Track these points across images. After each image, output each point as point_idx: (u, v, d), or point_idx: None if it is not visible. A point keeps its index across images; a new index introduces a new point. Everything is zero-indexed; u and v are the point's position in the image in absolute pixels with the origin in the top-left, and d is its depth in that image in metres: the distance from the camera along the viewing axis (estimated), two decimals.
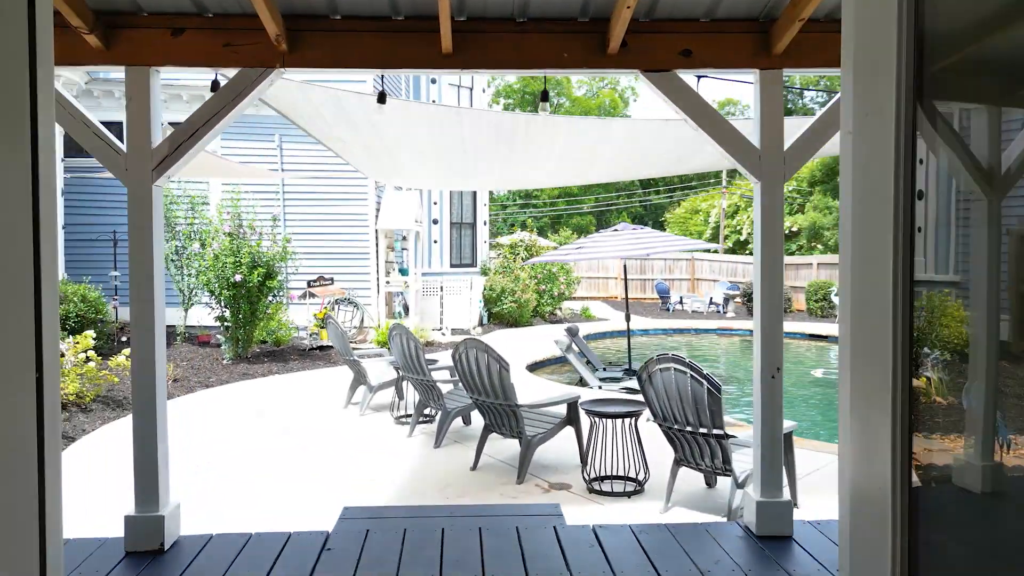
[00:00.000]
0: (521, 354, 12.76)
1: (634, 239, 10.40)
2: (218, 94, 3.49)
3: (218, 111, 3.48)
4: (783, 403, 3.82)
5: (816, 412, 9.49)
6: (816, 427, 8.70)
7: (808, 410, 9.64)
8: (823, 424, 8.90)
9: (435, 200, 18.93)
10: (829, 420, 9.05)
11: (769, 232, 3.58)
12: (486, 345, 5.91)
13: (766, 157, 3.53)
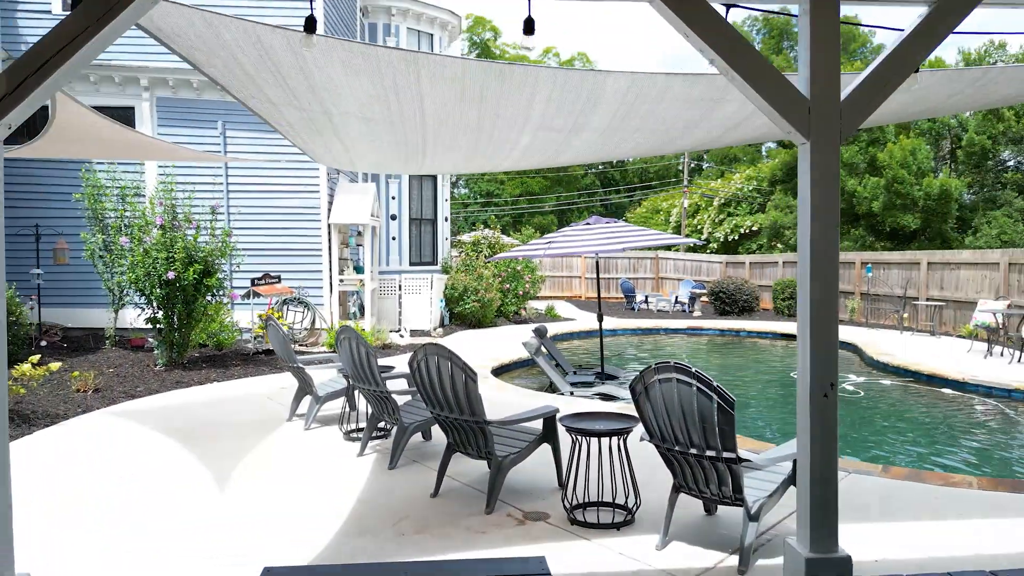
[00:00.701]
0: (486, 357, 11.84)
1: (608, 233, 9.57)
2: (78, 11, 2.50)
3: (77, 35, 2.49)
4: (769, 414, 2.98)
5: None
6: None
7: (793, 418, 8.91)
8: None
9: (393, 195, 17.91)
10: None
11: (822, 210, 2.74)
12: (449, 351, 4.98)
13: (818, 109, 2.67)
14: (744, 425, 8.11)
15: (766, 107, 2.69)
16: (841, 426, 8.37)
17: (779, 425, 8.41)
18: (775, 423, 8.54)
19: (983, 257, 14.87)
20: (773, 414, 9.12)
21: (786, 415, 8.82)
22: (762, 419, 8.81)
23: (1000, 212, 27.41)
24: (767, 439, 7.52)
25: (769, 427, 8.35)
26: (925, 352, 12.37)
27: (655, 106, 3.77)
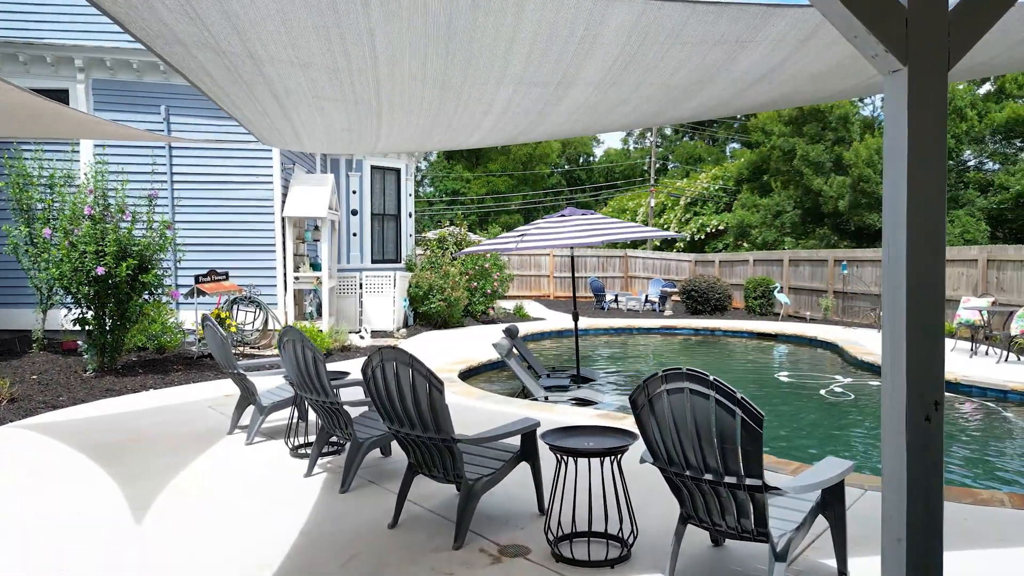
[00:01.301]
0: (453, 359, 10.99)
1: (584, 225, 8.80)
2: None
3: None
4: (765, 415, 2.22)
5: (800, 425, 8.10)
6: (805, 443, 7.28)
7: (790, 422, 8.25)
8: (810, 439, 7.49)
9: (354, 189, 16.93)
10: (817, 435, 7.65)
11: (923, 168, 1.97)
12: (409, 356, 4.14)
13: (919, 21, 1.90)
14: None
15: (845, 17, 1.91)
16: (838, 431, 7.76)
17: (770, 431, 7.72)
18: (767, 431, 7.84)
19: (960, 254, 14.49)
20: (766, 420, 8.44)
21: (780, 421, 8.16)
22: None
23: (963, 211, 27.42)
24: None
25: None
26: None
27: (663, 52, 2.99)
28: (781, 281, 19.86)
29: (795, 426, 7.91)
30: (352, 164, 16.91)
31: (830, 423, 7.90)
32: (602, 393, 9.26)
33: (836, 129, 28.92)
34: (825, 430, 7.72)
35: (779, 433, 7.54)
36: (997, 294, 13.21)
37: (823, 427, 7.87)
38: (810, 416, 8.32)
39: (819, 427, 7.88)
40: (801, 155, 29.04)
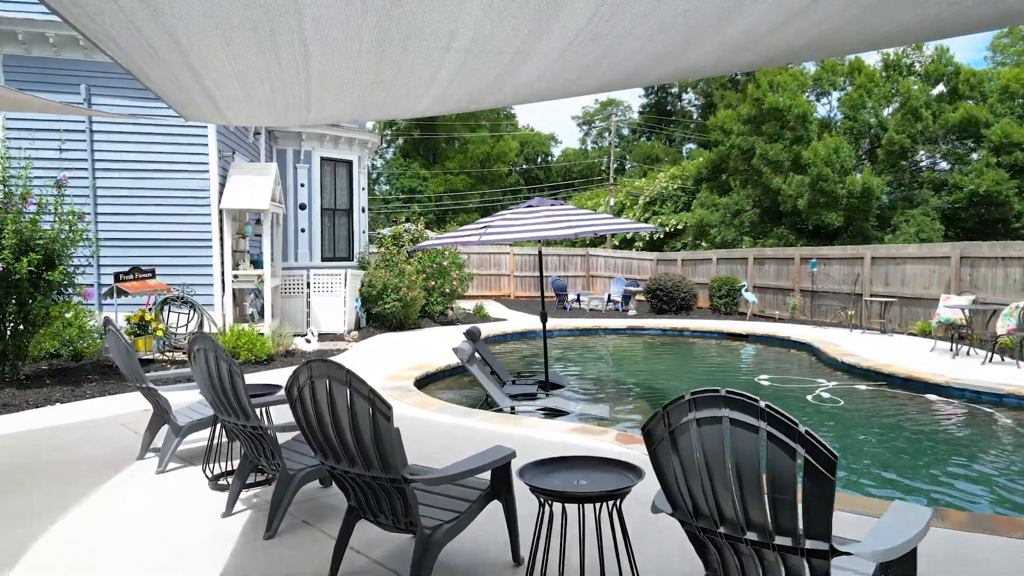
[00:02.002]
0: (408, 364, 9.95)
1: (554, 217, 7.88)
2: None
3: None
4: None
5: None
6: None
7: None
8: None
9: (302, 182, 15.74)
10: None
11: None
12: (347, 372, 3.12)
13: None
14: None
15: None
16: (841, 446, 6.96)
17: None
18: None
19: (931, 251, 14.02)
20: None
21: None
22: None
23: (918, 211, 27.43)
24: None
25: None
26: (887, 352, 11.26)
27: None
28: (746, 280, 19.30)
29: None
30: (300, 155, 15.71)
31: (830, 435, 7.12)
32: (573, 401, 8.35)
33: (794, 128, 28.67)
34: (836, 438, 6.91)
35: None
36: (971, 292, 12.74)
37: (832, 433, 7.08)
38: (808, 424, 7.52)
39: (823, 433, 7.07)
40: (760, 154, 28.73)
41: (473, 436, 6.21)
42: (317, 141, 15.85)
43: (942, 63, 28.29)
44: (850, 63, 29.96)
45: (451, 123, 49.99)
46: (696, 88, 52.08)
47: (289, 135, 15.53)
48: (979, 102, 27.79)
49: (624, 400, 8.94)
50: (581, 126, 58.73)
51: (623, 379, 10.39)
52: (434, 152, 50.83)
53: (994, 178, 25.29)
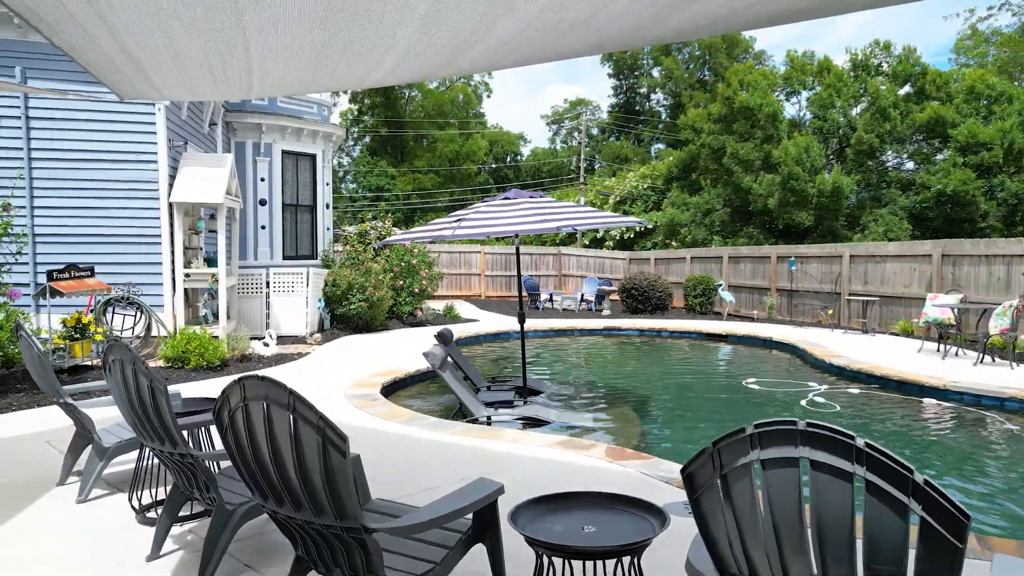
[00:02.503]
0: (374, 369, 9.20)
1: (534, 210, 7.21)
2: None
3: None
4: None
5: None
6: None
7: None
8: None
9: (262, 176, 14.85)
10: None
11: None
12: (290, 394, 2.40)
13: None
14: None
15: None
16: None
17: None
18: None
19: (912, 249, 13.68)
20: None
21: None
22: None
23: (886, 210, 27.40)
24: None
25: None
26: (873, 352, 10.83)
27: None
28: (721, 279, 18.87)
29: None
30: (260, 148, 14.82)
31: None
32: (553, 408, 7.69)
33: (765, 127, 28.46)
34: None
35: None
36: (956, 291, 12.40)
37: None
38: None
39: None
40: (731, 153, 28.47)
41: (447, 453, 5.51)
42: (278, 133, 14.97)
43: (909, 63, 28.33)
44: (819, 63, 29.88)
45: (419, 121, 49.09)
46: (665, 88, 51.96)
47: (248, 127, 14.63)
48: (945, 102, 27.87)
49: (608, 406, 8.30)
50: (550, 125, 58.26)
51: (603, 383, 9.77)
52: (402, 150, 49.86)
53: (961, 178, 25.31)
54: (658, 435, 6.92)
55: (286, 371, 9.35)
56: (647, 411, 7.94)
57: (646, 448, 6.31)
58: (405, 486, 4.67)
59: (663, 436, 6.92)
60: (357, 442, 5.86)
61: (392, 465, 5.18)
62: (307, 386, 8.24)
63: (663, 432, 7.06)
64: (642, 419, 7.56)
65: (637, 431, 6.98)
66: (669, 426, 7.33)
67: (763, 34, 75.59)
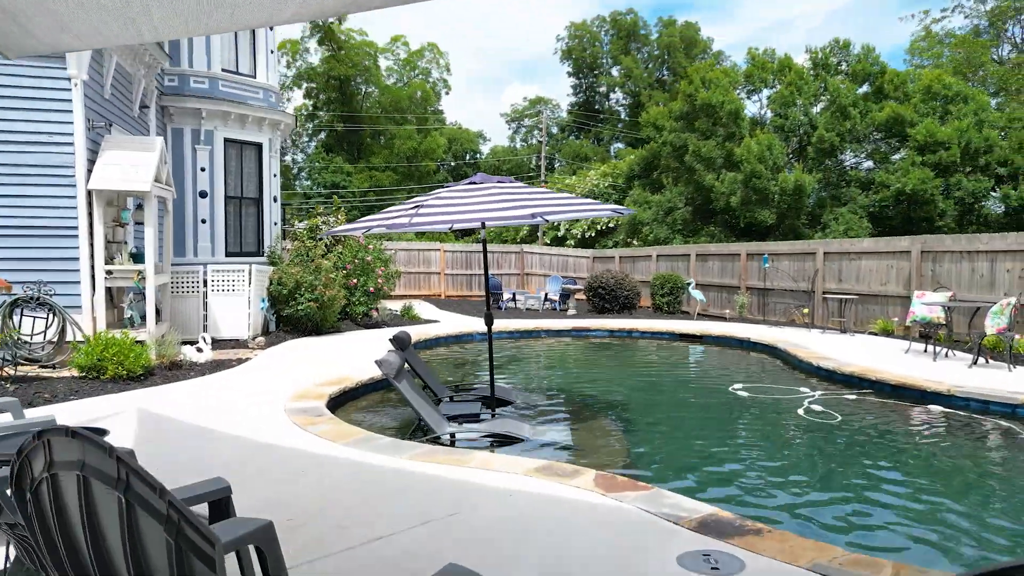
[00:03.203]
0: (324, 377, 8.08)
1: (504, 196, 6.22)
2: None
3: None
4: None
5: (816, 471, 5.88)
6: (861, 510, 5.04)
7: (800, 464, 6.03)
8: (848, 492, 5.28)
9: (203, 166, 13.54)
10: (855, 487, 5.45)
11: None
12: (118, 462, 1.37)
13: None
14: (730, 477, 5.12)
15: None
16: (858, 480, 5.54)
17: (786, 482, 5.47)
18: (782, 486, 5.59)
19: (889, 245, 13.11)
20: (768, 467, 6.20)
21: (791, 463, 5.94)
22: (752, 463, 5.84)
23: (846, 209, 27.19)
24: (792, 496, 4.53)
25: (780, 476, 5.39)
26: (858, 353, 10.14)
27: None
28: (688, 277, 18.18)
29: (815, 474, 5.68)
30: (200, 135, 13.51)
31: (852, 468, 5.72)
32: (525, 422, 6.72)
33: (727, 125, 28.01)
34: (857, 473, 5.54)
35: (806, 488, 5.28)
36: (944, 289, 11.84)
37: (850, 468, 5.71)
38: (814, 452, 6.14)
39: (842, 470, 5.70)
40: (693, 151, 27.95)
41: (404, 484, 4.49)
42: (220, 120, 13.68)
43: (868, 62, 28.21)
44: (780, 60, 29.58)
45: (376, 117, 47.66)
46: (624, 88, 51.50)
47: (186, 112, 13.32)
48: (903, 102, 27.80)
49: (585, 418, 7.37)
50: (510, 124, 57.36)
51: (577, 390, 8.84)
52: (358, 147, 48.32)
53: (920, 177, 25.19)
54: (647, 453, 6.01)
55: (220, 380, 8.17)
56: (629, 423, 7.03)
57: (636, 470, 5.40)
58: (350, 534, 3.64)
59: (653, 455, 6.00)
60: (293, 470, 4.79)
61: (335, 503, 4.14)
62: (241, 398, 7.10)
63: (651, 449, 6.15)
64: (625, 433, 6.64)
65: (622, 448, 6.05)
66: (656, 441, 6.41)
67: (721, 34, 76.02)
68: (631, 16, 50.07)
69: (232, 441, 5.54)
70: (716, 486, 5.13)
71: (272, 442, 5.49)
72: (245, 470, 4.77)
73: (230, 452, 5.25)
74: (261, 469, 4.84)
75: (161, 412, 6.47)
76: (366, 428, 6.27)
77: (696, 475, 5.37)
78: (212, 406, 6.77)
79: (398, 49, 52.16)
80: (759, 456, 5.86)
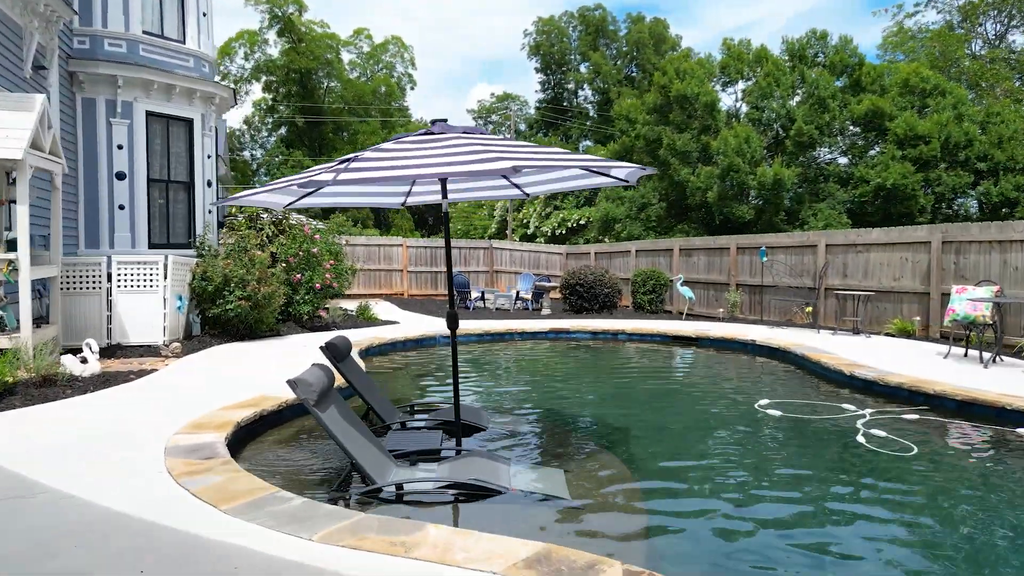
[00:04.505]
0: (236, 396, 6.06)
1: (473, 147, 4.33)
2: None
3: None
4: None
5: (934, 540, 4.09)
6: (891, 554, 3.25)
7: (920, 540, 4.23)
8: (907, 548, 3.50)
9: (120, 143, 11.38)
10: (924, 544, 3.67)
11: None
12: None
13: None
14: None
15: None
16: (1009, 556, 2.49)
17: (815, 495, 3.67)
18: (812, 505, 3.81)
19: (903, 236, 11.54)
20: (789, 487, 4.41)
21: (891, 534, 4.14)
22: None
23: (824, 205, 25.88)
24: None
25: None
26: (893, 359, 8.49)
27: None
28: (670, 273, 16.50)
29: (941, 552, 3.90)
30: (116, 107, 11.36)
31: (977, 524, 3.96)
32: (503, 461, 4.83)
33: (702, 118, 26.53)
34: (988, 541, 3.77)
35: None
36: (957, 284, 10.29)
37: (986, 532, 3.94)
38: (920, 508, 4.36)
39: (979, 537, 3.94)
40: (667, 145, 26.40)
41: None
42: (141, 89, 11.54)
43: (846, 53, 26.95)
44: (756, 51, 28.18)
45: (338, 111, 45.31)
46: (592, 84, 49.95)
47: (99, 79, 11.15)
48: (880, 95, 26.61)
49: (579, 450, 5.51)
50: (477, 120, 55.38)
51: (563, 407, 7.00)
52: (320, 142, 45.89)
53: (900, 171, 23.97)
54: (684, 515, 4.17)
55: (101, 401, 6.12)
56: (642, 460, 5.19)
57: (680, 547, 3.57)
58: None
59: (695, 517, 4.14)
60: (129, 565, 2.80)
61: None
62: (113, 428, 5.09)
63: (689, 508, 4.29)
64: (636, 472, 4.81)
65: (644, 507, 4.20)
66: (692, 494, 4.53)
67: (690, 31, 75.03)
68: (599, 12, 48.53)
69: (51, 508, 3.56)
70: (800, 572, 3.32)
71: (120, 509, 3.53)
72: (40, 569, 2.81)
73: (25, 538, 3.27)
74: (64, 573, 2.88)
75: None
76: (282, 474, 4.35)
77: (759, 555, 3.53)
78: (64, 443, 4.75)
79: (361, 42, 49.86)
80: (840, 519, 4.06)
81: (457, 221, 42.35)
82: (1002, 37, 34.84)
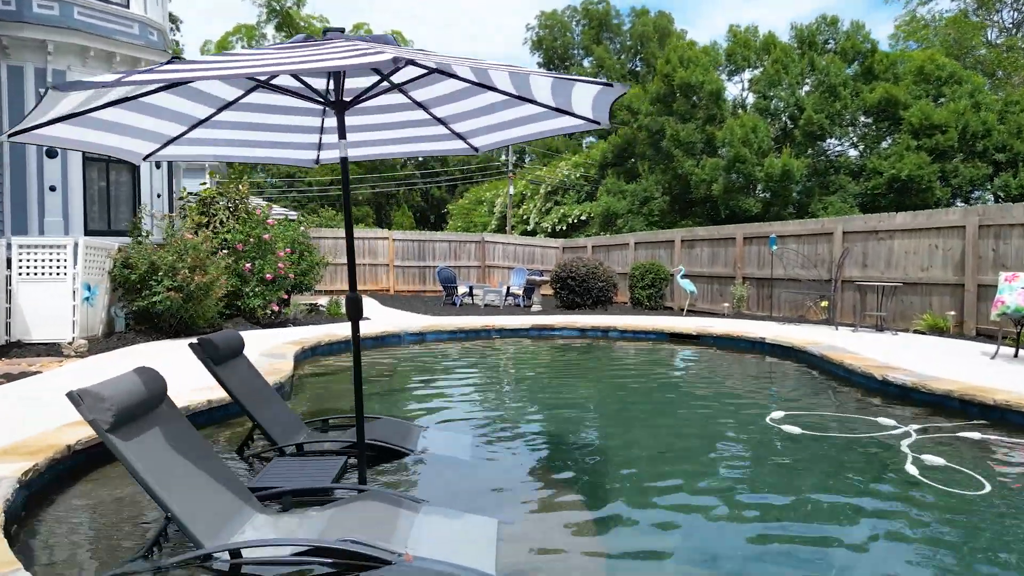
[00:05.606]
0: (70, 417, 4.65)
1: (344, 48, 2.92)
2: None
3: None
4: None
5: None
6: None
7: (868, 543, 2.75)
8: None
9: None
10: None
11: None
12: None
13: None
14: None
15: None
16: None
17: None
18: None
19: (932, 220, 10.03)
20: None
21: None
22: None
23: (835, 198, 24.29)
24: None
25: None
26: (930, 361, 6.99)
27: None
28: (672, 266, 15.02)
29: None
30: (47, 76, 10.01)
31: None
32: (412, 505, 3.38)
33: (707, 107, 25.00)
34: None
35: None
36: (992, 273, 8.78)
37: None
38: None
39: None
40: (671, 135, 24.87)
41: None
42: (76, 57, 10.19)
43: (858, 39, 25.32)
44: (764, 39, 26.60)
45: None
46: (596, 78, 48.40)
47: (27, 45, 9.81)
48: (893, 83, 25.00)
49: (532, 489, 4.05)
50: None
51: (532, 421, 5.55)
52: None
53: (916, 162, 22.38)
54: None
55: None
56: (611, 504, 3.73)
57: None
58: None
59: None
60: None
61: None
62: None
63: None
64: (605, 529, 3.36)
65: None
66: (677, 562, 3.09)
67: (695, 26, 73.39)
68: (603, 5, 47.05)
69: None
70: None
71: None
72: None
73: None
74: None
75: None
76: (85, 535, 2.93)
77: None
78: None
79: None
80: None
81: (457, 219, 41.02)
82: (1019, 25, 33.13)
